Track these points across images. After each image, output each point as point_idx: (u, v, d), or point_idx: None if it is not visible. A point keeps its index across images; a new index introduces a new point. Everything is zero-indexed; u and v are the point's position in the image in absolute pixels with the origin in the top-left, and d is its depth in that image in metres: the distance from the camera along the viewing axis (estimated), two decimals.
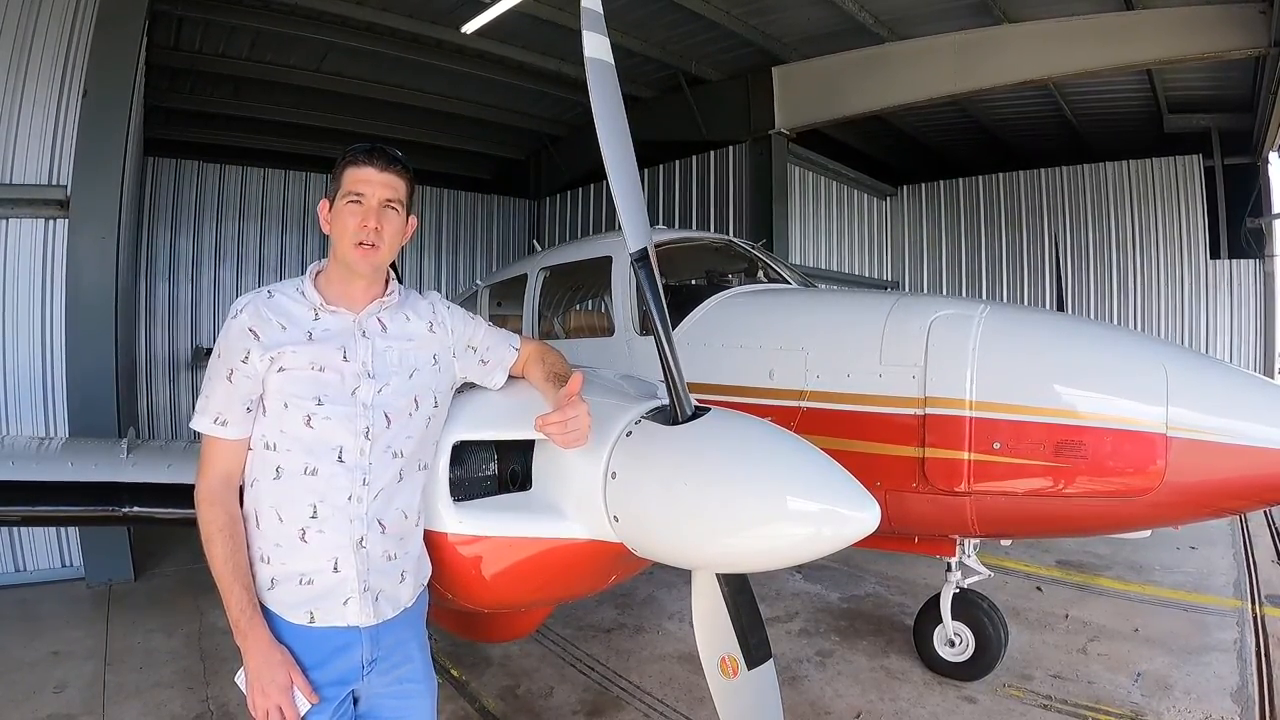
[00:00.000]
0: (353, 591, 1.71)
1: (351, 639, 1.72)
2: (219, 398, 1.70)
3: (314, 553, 1.69)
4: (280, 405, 1.69)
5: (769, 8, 8.59)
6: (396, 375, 1.79)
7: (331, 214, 1.80)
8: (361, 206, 1.75)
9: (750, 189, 10.36)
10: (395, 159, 1.81)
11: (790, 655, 4.26)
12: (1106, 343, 3.36)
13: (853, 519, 1.62)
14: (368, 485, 1.72)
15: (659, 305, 1.88)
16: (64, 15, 5.43)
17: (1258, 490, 2.92)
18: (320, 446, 1.69)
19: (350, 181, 1.77)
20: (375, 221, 1.75)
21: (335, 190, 1.79)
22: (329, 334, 1.74)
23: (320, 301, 1.77)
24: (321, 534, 1.69)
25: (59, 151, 5.40)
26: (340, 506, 1.70)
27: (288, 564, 1.69)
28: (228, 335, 1.70)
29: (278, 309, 1.73)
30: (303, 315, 1.75)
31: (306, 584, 1.69)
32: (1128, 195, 11.60)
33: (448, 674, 4.01)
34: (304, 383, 1.69)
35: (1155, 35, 7.62)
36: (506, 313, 6.38)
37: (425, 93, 10.99)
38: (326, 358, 1.71)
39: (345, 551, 1.70)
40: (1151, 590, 5.31)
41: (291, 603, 1.69)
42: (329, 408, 1.70)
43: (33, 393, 5.41)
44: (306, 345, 1.71)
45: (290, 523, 1.68)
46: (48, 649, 4.34)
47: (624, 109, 1.99)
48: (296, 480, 1.69)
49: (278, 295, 1.77)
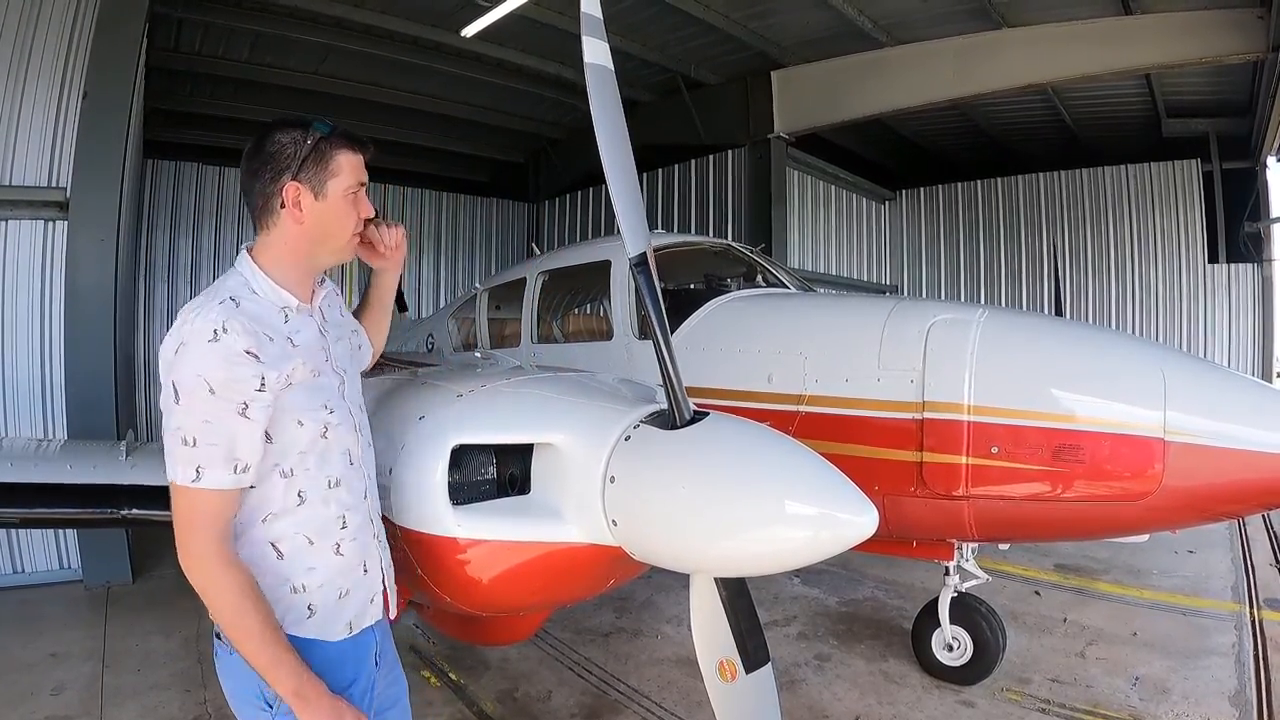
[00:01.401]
0: (376, 587, 1.71)
1: (378, 635, 1.72)
2: (237, 441, 1.43)
3: (348, 562, 1.63)
4: (294, 424, 1.54)
5: (768, 11, 8.60)
6: (351, 365, 1.78)
7: (322, 204, 1.61)
8: (361, 198, 1.67)
9: (749, 193, 10.36)
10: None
11: (788, 659, 4.26)
12: (1104, 347, 3.37)
13: (851, 523, 1.63)
14: (369, 478, 1.74)
15: (658, 310, 1.89)
16: (64, 17, 5.43)
17: (1255, 494, 2.93)
18: (335, 455, 1.62)
19: (349, 169, 1.62)
20: (370, 211, 1.71)
21: (323, 176, 1.59)
22: (304, 336, 1.61)
23: (294, 302, 1.61)
24: (354, 540, 1.65)
25: (59, 153, 5.40)
26: (359, 508, 1.68)
27: (326, 585, 1.59)
28: (217, 363, 1.41)
29: (255, 319, 1.50)
30: (275, 320, 1.56)
31: (344, 597, 1.62)
32: (1126, 200, 11.63)
33: (446, 677, 4.01)
34: (312, 394, 1.58)
35: (1154, 40, 7.65)
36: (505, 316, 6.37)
37: (424, 95, 11.01)
38: (317, 361, 1.61)
39: (371, 549, 1.70)
40: (1150, 594, 5.31)
41: (334, 622, 1.60)
42: (337, 413, 1.63)
43: (31, 394, 5.40)
44: (299, 352, 1.57)
45: (323, 541, 1.59)
46: (46, 650, 4.33)
47: (624, 115, 2.00)
48: (322, 497, 1.59)
49: (243, 302, 1.52)
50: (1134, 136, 11.47)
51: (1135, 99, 10.48)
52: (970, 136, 12.75)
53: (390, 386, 2.35)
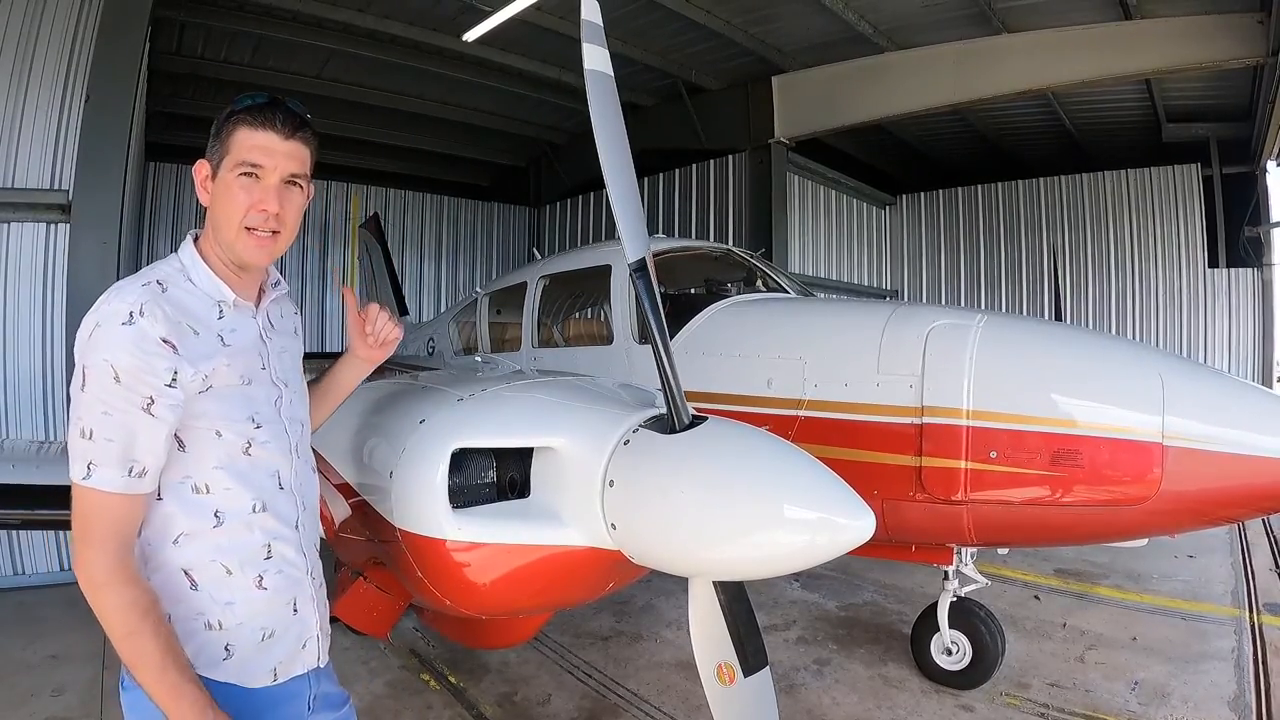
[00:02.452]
0: (310, 631, 1.50)
1: (310, 682, 1.51)
2: (136, 439, 1.26)
3: (272, 599, 1.43)
4: (211, 434, 1.36)
5: (769, 17, 8.64)
6: (294, 378, 1.57)
7: (215, 184, 1.41)
8: (258, 183, 1.39)
9: (750, 198, 10.41)
10: (302, 121, 1.47)
11: (788, 663, 4.26)
12: (1102, 352, 3.37)
13: (848, 527, 1.63)
14: (305, 508, 1.54)
15: (656, 315, 1.90)
16: (67, 21, 5.46)
17: (1254, 499, 2.93)
18: (261, 475, 1.43)
19: (242, 148, 1.39)
20: (276, 205, 1.41)
21: (220, 153, 1.40)
22: (239, 336, 1.43)
23: (232, 297, 1.43)
24: (280, 574, 1.45)
25: (61, 156, 5.42)
26: (289, 538, 1.47)
27: (246, 622, 1.40)
28: (124, 349, 1.24)
29: (181, 308, 1.34)
30: (207, 314, 1.39)
31: (268, 638, 1.43)
32: (1126, 204, 11.65)
33: (445, 680, 4.00)
34: (237, 402, 1.39)
35: (1153, 45, 7.68)
36: (506, 320, 6.38)
37: (426, 100, 11.07)
38: (250, 368, 1.43)
39: (302, 587, 1.49)
40: (1149, 599, 5.31)
41: (255, 667, 1.41)
42: (266, 429, 1.43)
43: (33, 396, 5.41)
44: (229, 353, 1.39)
45: (242, 571, 1.40)
46: (46, 652, 4.33)
47: (623, 121, 2.01)
48: (243, 520, 1.40)
49: (171, 288, 1.35)
50: (1134, 141, 11.50)
51: (1135, 104, 10.50)
52: (971, 141, 12.78)
53: (391, 390, 2.37)
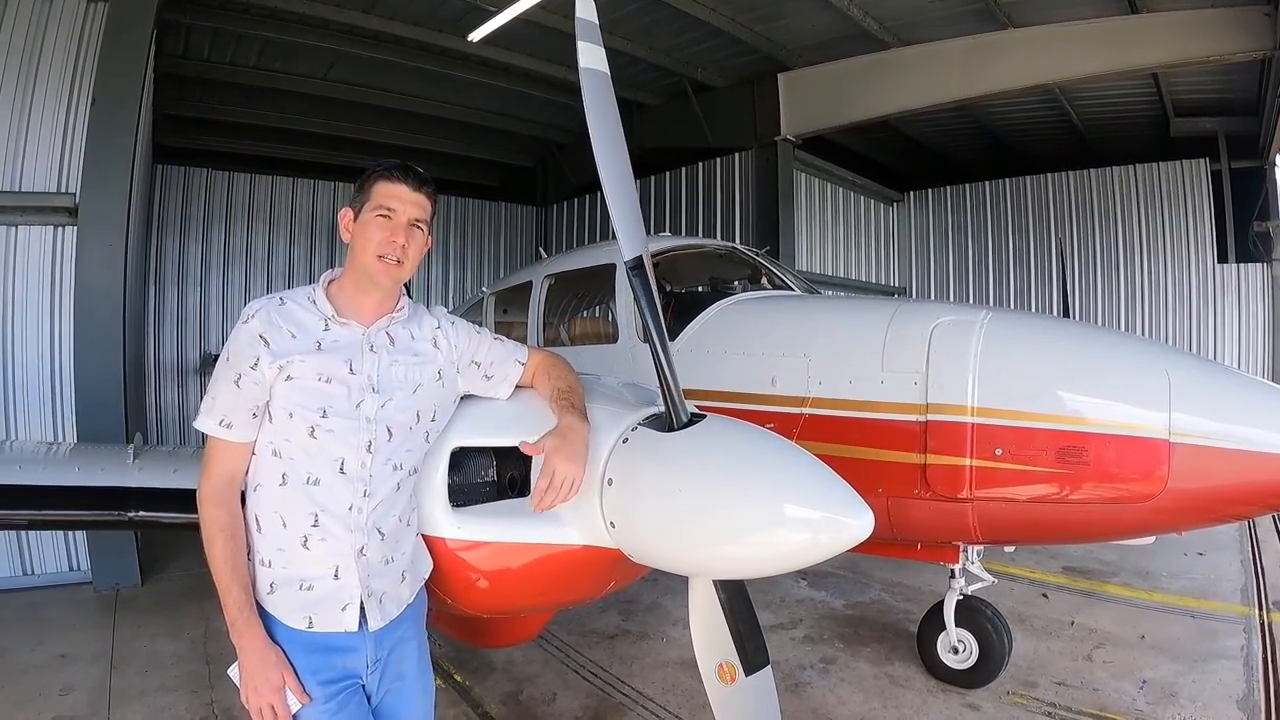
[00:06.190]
0: (352, 598, 1.73)
1: (354, 643, 1.75)
2: (225, 401, 1.70)
3: (315, 559, 1.71)
4: (285, 414, 1.70)
5: (774, 14, 8.62)
6: (401, 390, 1.81)
7: (356, 225, 1.81)
8: (390, 222, 1.78)
9: (756, 195, 10.38)
10: (426, 180, 1.84)
11: (793, 662, 4.26)
12: (1109, 348, 3.35)
13: (847, 525, 1.62)
14: (369, 496, 1.75)
15: (654, 313, 1.90)
16: (73, 24, 5.50)
17: (1262, 496, 2.90)
18: (322, 457, 1.71)
19: (381, 195, 1.79)
20: (404, 238, 1.78)
21: (362, 202, 1.81)
22: (337, 345, 1.75)
23: (332, 312, 1.78)
24: (324, 542, 1.71)
25: (68, 159, 5.46)
26: (341, 516, 1.71)
27: (289, 569, 1.70)
28: (237, 339, 1.71)
29: (289, 316, 1.74)
30: (313, 324, 1.76)
31: (306, 589, 1.70)
32: (1134, 200, 11.56)
33: (451, 679, 4.02)
34: (310, 393, 1.70)
35: (1160, 39, 7.63)
36: (512, 319, 6.39)
37: (432, 100, 11.07)
38: (333, 369, 1.73)
39: (346, 559, 1.72)
40: (1158, 597, 5.28)
41: (290, 607, 1.71)
42: (333, 420, 1.71)
43: (41, 398, 5.45)
44: (315, 355, 1.72)
45: (293, 529, 1.70)
46: (54, 652, 4.37)
47: (619, 119, 2.01)
48: (300, 488, 1.70)
49: (289, 303, 1.77)
50: (1141, 136, 11.42)
51: (1143, 99, 10.43)
52: (977, 137, 12.72)
53: None
